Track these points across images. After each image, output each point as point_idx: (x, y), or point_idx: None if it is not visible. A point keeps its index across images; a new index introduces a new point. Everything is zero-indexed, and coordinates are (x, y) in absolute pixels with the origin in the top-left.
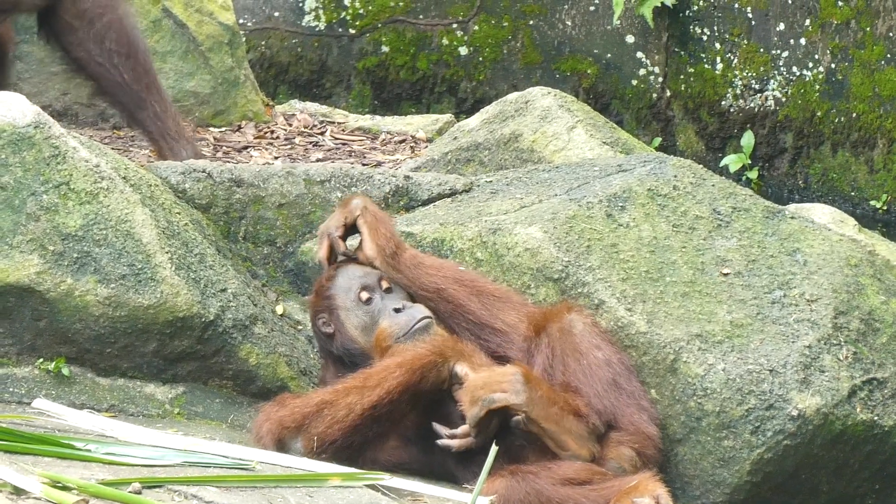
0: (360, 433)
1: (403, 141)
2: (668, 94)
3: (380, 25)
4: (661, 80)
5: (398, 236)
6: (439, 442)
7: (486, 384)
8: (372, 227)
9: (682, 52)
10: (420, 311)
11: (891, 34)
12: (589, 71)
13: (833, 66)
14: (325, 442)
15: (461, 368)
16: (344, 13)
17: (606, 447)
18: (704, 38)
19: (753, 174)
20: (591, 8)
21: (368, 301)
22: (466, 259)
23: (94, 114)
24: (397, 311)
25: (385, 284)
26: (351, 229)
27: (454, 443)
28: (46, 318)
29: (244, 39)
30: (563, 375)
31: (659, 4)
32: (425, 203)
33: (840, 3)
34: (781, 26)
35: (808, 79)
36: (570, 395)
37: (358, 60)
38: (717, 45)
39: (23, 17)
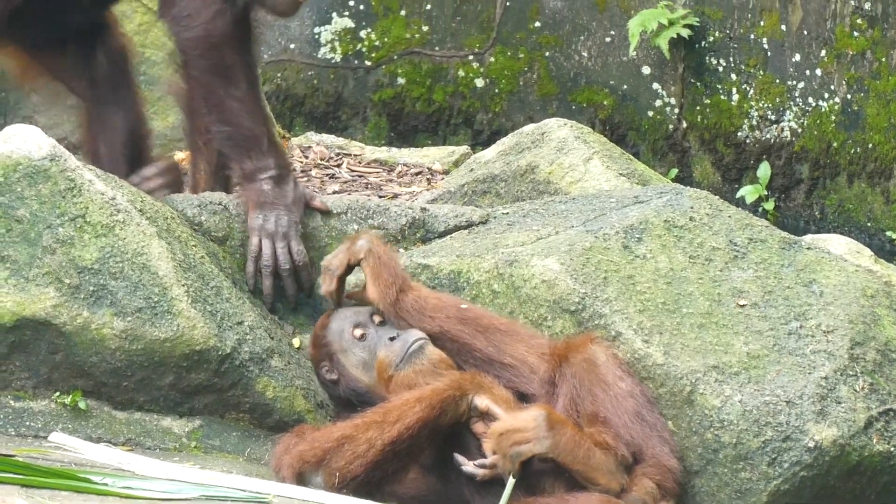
0: (381, 468)
1: (420, 173)
2: (685, 125)
3: (395, 57)
4: (677, 111)
5: (402, 278)
6: (464, 468)
7: (510, 431)
8: (374, 273)
9: (698, 83)
10: (412, 334)
11: None
12: (605, 102)
13: (849, 96)
14: (346, 477)
15: (480, 401)
16: (360, 45)
17: (630, 479)
18: (720, 69)
19: (770, 205)
20: (608, 39)
21: (363, 337)
22: (483, 291)
23: None
24: (392, 339)
25: (377, 318)
26: (354, 266)
27: (480, 471)
28: (63, 351)
29: (260, 72)
30: (591, 406)
31: (675, 35)
32: (442, 235)
33: (856, 34)
34: (797, 57)
35: (823, 110)
36: (597, 428)
37: (374, 92)
38: (733, 76)
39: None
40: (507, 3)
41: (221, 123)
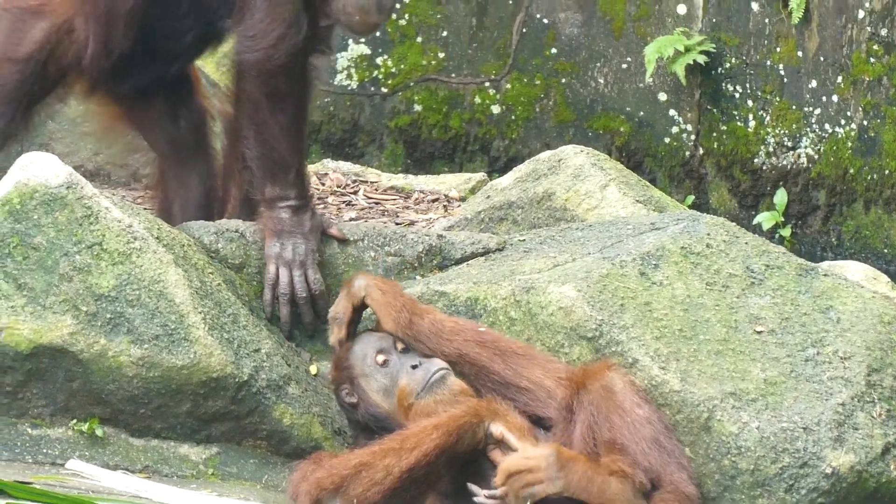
0: (398, 495)
1: (436, 200)
2: (701, 151)
3: (412, 84)
4: (693, 137)
5: (410, 302)
6: (476, 500)
7: (521, 472)
8: (382, 304)
9: (715, 110)
10: (435, 364)
11: None
12: (622, 129)
13: (865, 123)
14: None
15: (496, 428)
16: (376, 72)
17: None
18: (737, 95)
19: (786, 232)
20: (624, 66)
21: (385, 363)
22: (500, 318)
23: (126, 174)
24: (414, 367)
25: (401, 345)
26: (360, 309)
27: (491, 502)
28: (80, 378)
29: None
30: (609, 432)
31: (691, 62)
32: (458, 262)
33: (872, 60)
34: (813, 83)
35: (840, 136)
36: (613, 457)
37: (390, 119)
38: (750, 103)
39: None
40: (524, 30)
41: (258, 144)
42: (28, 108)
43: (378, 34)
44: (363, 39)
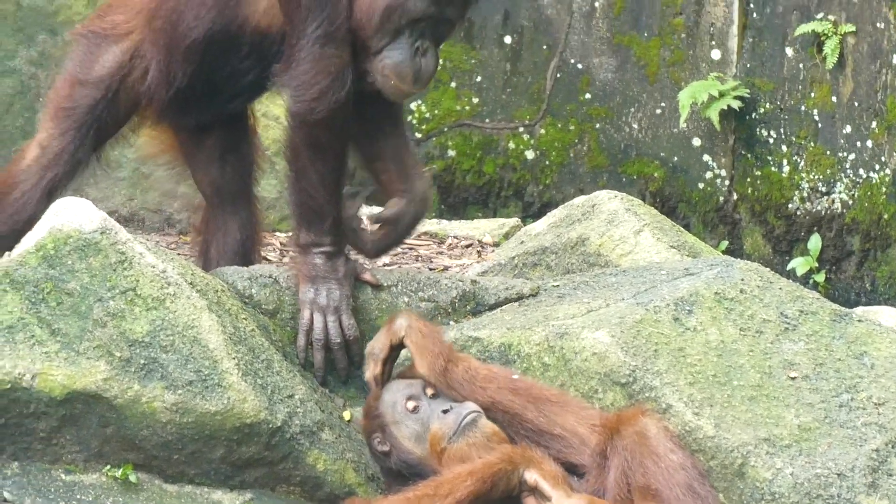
0: None
1: (470, 245)
2: (735, 196)
3: (446, 129)
4: (727, 182)
5: (447, 349)
6: None
7: None
8: (420, 347)
9: (749, 155)
10: (466, 407)
11: None
12: (655, 174)
13: None
14: None
15: (530, 476)
16: (410, 117)
17: None
18: (771, 140)
19: (820, 277)
20: (658, 111)
21: (416, 409)
22: (533, 363)
23: (160, 219)
24: (445, 412)
25: (430, 391)
26: (397, 349)
27: None
28: (114, 424)
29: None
30: (643, 478)
31: (725, 107)
32: (492, 307)
33: None
34: (848, 129)
35: (874, 181)
36: (648, 503)
37: (425, 164)
38: (784, 148)
39: None
40: (558, 75)
41: (297, 191)
42: (99, 135)
43: None
44: None
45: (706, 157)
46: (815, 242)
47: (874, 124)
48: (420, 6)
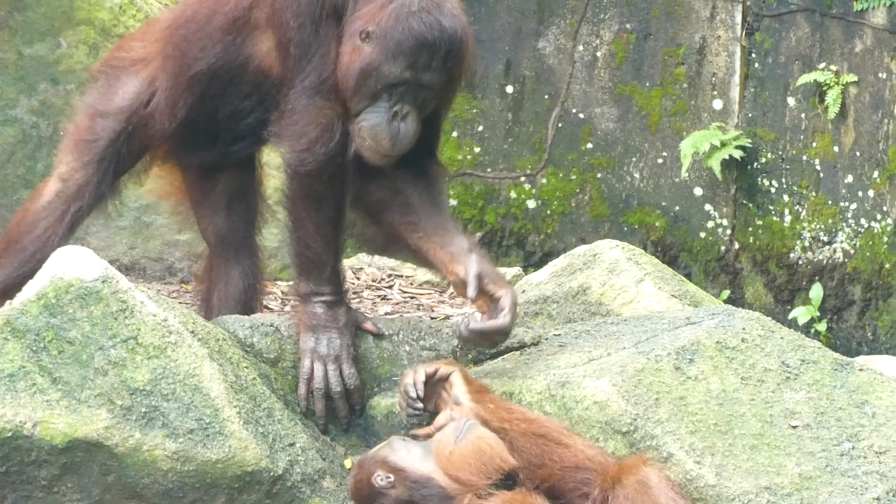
0: None
1: None
2: (737, 246)
3: (448, 179)
4: (729, 232)
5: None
6: None
7: None
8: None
9: (751, 205)
10: (461, 418)
11: None
12: (657, 223)
13: None
14: None
15: None
16: None
17: None
18: (773, 190)
19: (822, 326)
20: (659, 161)
21: (414, 437)
22: (535, 412)
23: (161, 268)
24: (439, 430)
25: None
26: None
27: None
28: (115, 472)
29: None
30: None
31: (727, 157)
32: (494, 356)
33: None
34: (850, 178)
35: (876, 231)
36: None
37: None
38: (786, 198)
39: None
40: (559, 125)
41: (294, 240)
42: (118, 168)
43: None
44: None
45: (708, 207)
46: (816, 292)
47: (876, 174)
48: (394, 71)
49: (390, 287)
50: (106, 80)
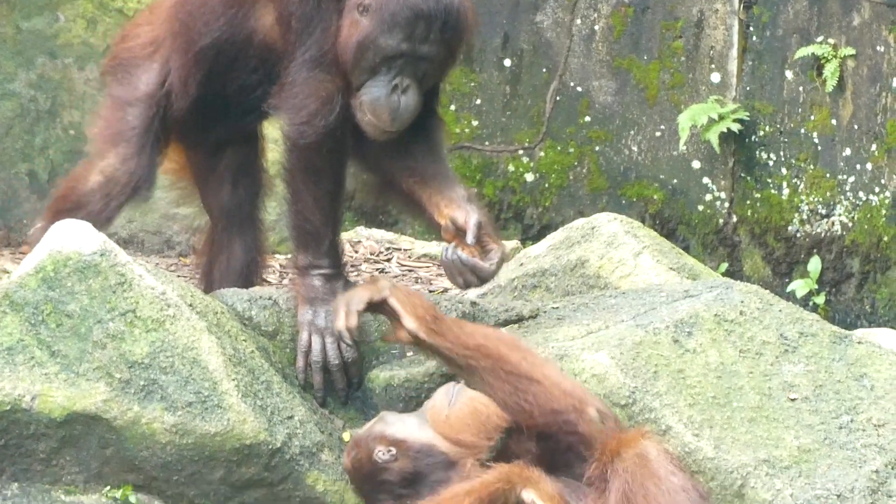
0: None
1: None
2: (735, 219)
3: (448, 153)
4: (727, 205)
5: (432, 305)
6: None
7: None
8: (406, 303)
9: (749, 178)
10: (446, 386)
11: None
12: (655, 196)
13: None
14: None
15: (528, 495)
16: None
17: None
18: (771, 163)
19: (820, 299)
20: (657, 134)
21: (404, 411)
22: None
23: (160, 241)
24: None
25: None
26: (376, 307)
27: None
28: (113, 445)
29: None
30: (644, 500)
31: (725, 130)
32: None
33: None
34: (848, 151)
35: (874, 204)
36: None
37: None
38: (784, 171)
39: None
40: (557, 98)
41: (293, 213)
42: (154, 155)
43: None
44: None
45: (706, 180)
46: (814, 265)
47: (874, 147)
48: (391, 44)
49: (388, 260)
50: (123, 70)
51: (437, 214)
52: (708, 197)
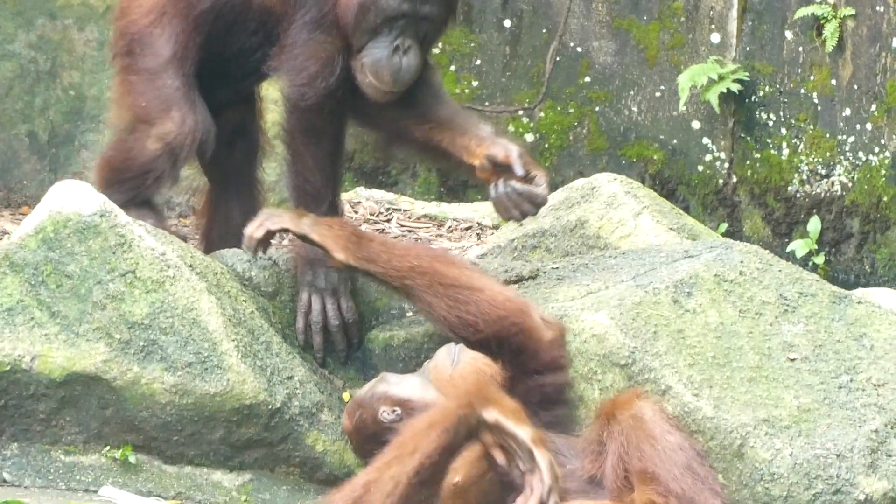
0: (412, 500)
1: (469, 228)
2: (735, 179)
3: None
4: (727, 165)
5: (357, 230)
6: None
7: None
8: (328, 237)
9: (748, 138)
10: (447, 346)
11: None
12: (655, 157)
13: None
14: None
15: (489, 415)
16: None
17: None
18: (770, 123)
19: (820, 259)
20: (657, 94)
21: (405, 371)
22: None
23: (159, 202)
24: (430, 360)
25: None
26: (300, 238)
27: None
28: (113, 406)
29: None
30: (639, 462)
31: (725, 90)
32: None
33: None
34: (847, 112)
35: (874, 164)
36: (643, 489)
37: None
38: (784, 131)
39: None
40: (557, 59)
41: (293, 174)
42: (205, 109)
43: None
44: None
45: (706, 140)
46: (814, 225)
47: (873, 107)
48: (392, 4)
49: (388, 221)
50: (138, 43)
51: (468, 156)
52: (708, 157)
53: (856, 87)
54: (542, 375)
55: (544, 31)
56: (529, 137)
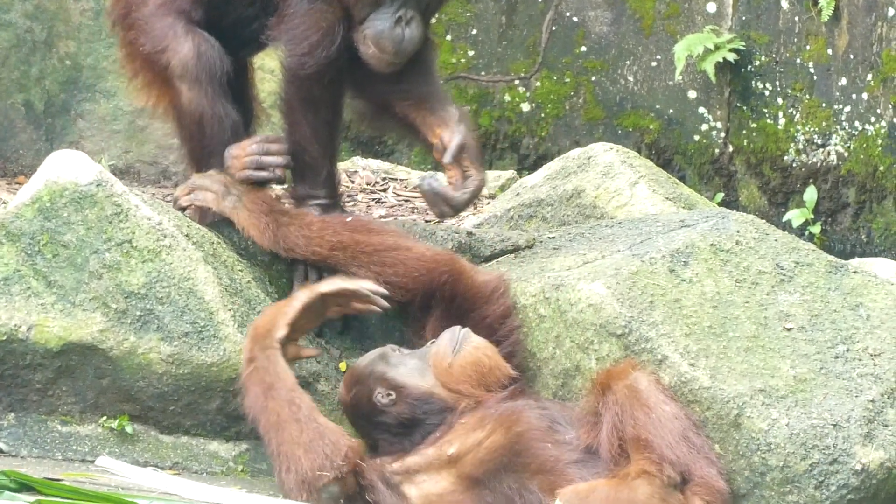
0: None
1: None
2: (731, 149)
3: (441, 82)
4: (723, 135)
5: (274, 216)
6: None
7: None
8: (247, 221)
9: (745, 108)
10: (451, 330)
11: None
12: (651, 126)
13: (895, 120)
14: None
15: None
16: None
17: (682, 498)
18: (766, 93)
19: (816, 229)
20: (653, 63)
21: (402, 352)
22: (529, 315)
23: (156, 172)
24: (433, 342)
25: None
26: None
27: None
28: (109, 376)
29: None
30: (633, 430)
31: (721, 60)
32: (488, 259)
33: None
34: (843, 81)
35: (870, 133)
36: (637, 458)
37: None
38: (780, 100)
39: None
40: (553, 28)
41: (290, 143)
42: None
43: None
44: None
45: (702, 110)
46: (810, 194)
47: (870, 77)
48: None
49: (385, 190)
50: (147, 26)
51: (431, 135)
52: (704, 127)
53: (852, 56)
54: (481, 309)
55: (540, 0)
56: (525, 107)
